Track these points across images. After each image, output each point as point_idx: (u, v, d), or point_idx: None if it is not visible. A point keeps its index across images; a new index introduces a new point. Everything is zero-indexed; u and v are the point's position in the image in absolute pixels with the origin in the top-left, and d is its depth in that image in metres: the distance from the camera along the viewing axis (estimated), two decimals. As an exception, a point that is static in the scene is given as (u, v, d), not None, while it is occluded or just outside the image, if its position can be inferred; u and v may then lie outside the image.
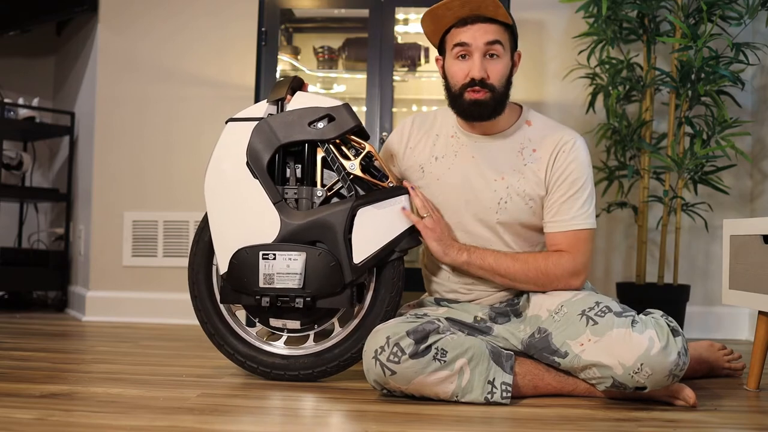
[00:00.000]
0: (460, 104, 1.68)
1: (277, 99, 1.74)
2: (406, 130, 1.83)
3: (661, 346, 1.40)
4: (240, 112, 1.77)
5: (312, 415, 1.42)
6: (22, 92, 3.70)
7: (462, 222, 1.74)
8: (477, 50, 1.63)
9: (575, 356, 1.49)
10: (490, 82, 1.64)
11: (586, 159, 1.70)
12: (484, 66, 1.64)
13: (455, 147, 1.76)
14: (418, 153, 1.79)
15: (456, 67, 1.67)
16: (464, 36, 1.64)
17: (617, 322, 1.46)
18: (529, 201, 1.70)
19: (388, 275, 1.70)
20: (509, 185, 1.70)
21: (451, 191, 1.74)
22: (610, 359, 1.44)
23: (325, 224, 1.65)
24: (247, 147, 1.70)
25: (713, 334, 2.74)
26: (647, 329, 1.43)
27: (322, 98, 1.74)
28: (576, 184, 1.67)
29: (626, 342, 1.42)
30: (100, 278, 3.12)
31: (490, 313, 1.72)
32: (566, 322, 1.54)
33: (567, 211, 1.67)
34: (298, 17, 2.91)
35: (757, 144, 2.81)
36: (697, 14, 2.52)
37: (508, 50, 1.67)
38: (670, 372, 1.42)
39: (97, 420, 1.31)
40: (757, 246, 1.65)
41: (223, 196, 1.72)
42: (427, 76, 2.85)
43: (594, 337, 1.47)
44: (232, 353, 1.77)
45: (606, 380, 1.46)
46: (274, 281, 1.65)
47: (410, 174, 1.81)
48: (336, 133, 1.68)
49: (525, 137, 1.72)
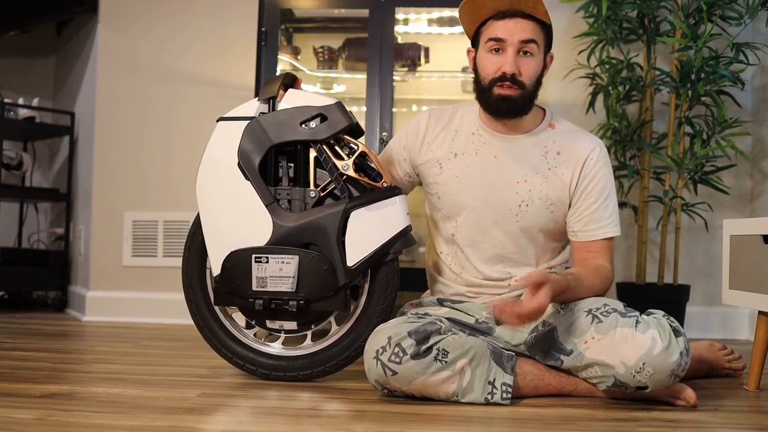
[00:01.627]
0: (488, 98, 1.66)
1: (269, 97, 1.70)
2: (422, 123, 1.79)
3: (663, 346, 1.41)
4: (231, 110, 1.74)
5: (312, 415, 1.42)
6: (22, 92, 3.70)
7: (478, 221, 1.71)
8: (511, 46, 1.61)
9: (579, 354, 1.49)
10: (521, 79, 1.62)
11: (610, 166, 1.72)
12: (517, 62, 1.62)
13: (476, 145, 1.73)
14: (436, 148, 1.76)
15: (488, 60, 1.65)
16: (500, 30, 1.62)
17: (621, 321, 1.46)
18: (551, 206, 1.69)
19: (383, 273, 1.68)
20: (532, 188, 1.68)
21: (471, 189, 1.71)
22: (613, 358, 1.44)
23: (317, 227, 1.64)
24: (238, 148, 1.67)
25: (713, 334, 2.74)
26: (650, 329, 1.43)
27: (315, 96, 1.71)
28: (605, 192, 1.69)
29: (629, 341, 1.43)
30: (100, 278, 3.12)
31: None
32: (571, 318, 1.54)
33: (600, 220, 1.68)
34: (298, 17, 2.91)
35: (757, 144, 2.81)
36: (697, 14, 2.51)
37: (542, 50, 1.65)
38: (672, 372, 1.42)
39: (97, 420, 1.31)
40: (757, 246, 1.65)
41: (215, 197, 1.70)
42: (427, 76, 2.85)
43: (598, 335, 1.47)
44: (231, 356, 1.76)
45: (607, 379, 1.46)
46: (267, 284, 1.64)
47: (427, 169, 1.77)
48: (329, 133, 1.66)
49: (549, 140, 1.71)
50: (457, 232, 1.74)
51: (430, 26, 2.91)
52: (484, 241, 1.72)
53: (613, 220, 1.69)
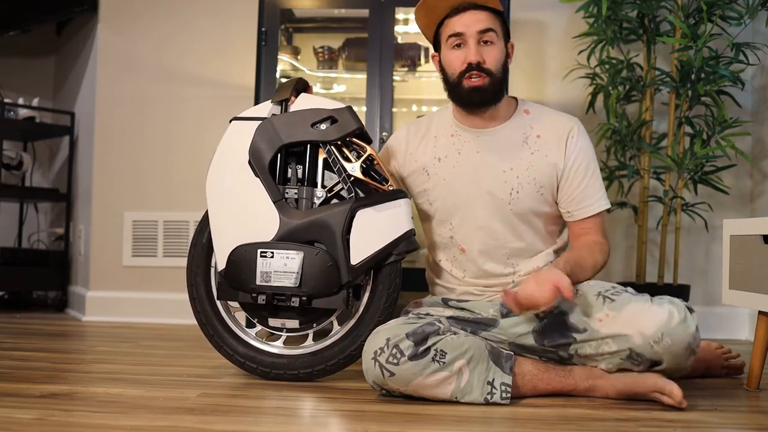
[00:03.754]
0: (459, 92, 1.69)
1: (281, 100, 1.76)
2: (402, 136, 1.84)
3: (680, 318, 1.45)
4: (244, 111, 1.79)
5: (312, 415, 1.42)
6: (22, 92, 3.70)
7: (473, 218, 1.73)
8: (471, 37, 1.66)
9: (593, 330, 1.52)
10: (487, 66, 1.66)
11: (590, 140, 1.77)
12: (480, 52, 1.66)
13: (457, 145, 1.76)
14: (420, 156, 1.79)
15: (452, 56, 1.69)
16: (457, 25, 1.67)
17: (634, 299, 1.51)
18: (540, 188, 1.71)
19: (386, 273, 1.70)
20: (519, 174, 1.71)
21: (461, 190, 1.73)
22: (630, 329, 1.47)
23: (323, 224, 1.66)
24: (250, 145, 1.72)
25: (713, 334, 2.74)
26: (665, 304, 1.48)
27: (326, 100, 1.76)
28: (590, 168, 1.72)
29: (646, 313, 1.47)
30: (100, 278, 3.12)
31: (501, 309, 1.70)
32: (583, 303, 1.56)
33: (590, 196, 1.72)
34: (298, 17, 2.91)
35: (757, 144, 2.81)
36: (697, 14, 2.51)
37: (501, 38, 1.70)
38: (688, 345, 1.45)
39: (97, 420, 1.31)
40: (757, 246, 1.65)
41: (225, 193, 1.73)
42: (427, 76, 2.85)
43: (612, 312, 1.50)
44: (232, 354, 1.77)
45: (621, 353, 1.49)
46: (271, 279, 1.66)
47: (415, 179, 1.80)
48: (338, 135, 1.70)
49: (527, 125, 1.74)
50: (454, 233, 1.75)
51: (430, 26, 2.91)
52: (482, 235, 1.73)
53: (602, 194, 1.74)
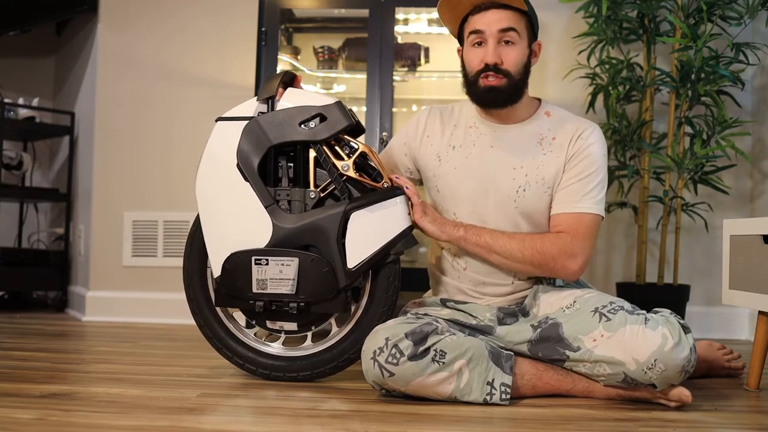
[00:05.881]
0: (475, 91, 1.69)
1: (268, 96, 1.68)
2: (422, 118, 1.83)
3: (674, 342, 1.42)
4: (229, 110, 1.71)
5: (312, 415, 1.42)
6: (22, 92, 3.70)
7: (478, 211, 1.72)
8: (491, 37, 1.64)
9: (587, 351, 1.49)
10: (505, 67, 1.64)
11: (603, 148, 1.71)
12: (498, 52, 1.64)
13: (473, 137, 1.75)
14: (436, 141, 1.79)
15: (472, 54, 1.68)
16: (479, 23, 1.65)
17: (630, 319, 1.47)
18: (548, 189, 1.69)
19: (385, 275, 1.68)
20: (528, 173, 1.69)
21: (469, 180, 1.72)
22: (624, 355, 1.44)
23: (317, 228, 1.62)
24: (237, 148, 1.65)
25: (713, 334, 2.74)
26: (659, 326, 1.44)
27: (314, 95, 1.69)
28: (589, 168, 1.67)
29: (640, 338, 1.44)
30: (100, 278, 3.12)
31: (498, 314, 1.70)
32: (578, 317, 1.54)
33: (576, 194, 1.66)
34: (298, 17, 2.91)
35: (757, 144, 2.81)
36: (697, 14, 2.51)
37: (524, 38, 1.67)
38: (682, 368, 1.43)
39: (97, 420, 1.31)
40: (757, 246, 1.65)
41: (215, 198, 1.68)
42: (427, 76, 2.85)
43: (607, 333, 1.48)
44: (231, 355, 1.76)
45: (616, 376, 1.47)
46: (267, 286, 1.63)
47: (427, 162, 1.80)
48: (328, 134, 1.64)
49: (544, 127, 1.73)
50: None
51: (430, 26, 2.92)
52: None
53: (592, 198, 1.65)
